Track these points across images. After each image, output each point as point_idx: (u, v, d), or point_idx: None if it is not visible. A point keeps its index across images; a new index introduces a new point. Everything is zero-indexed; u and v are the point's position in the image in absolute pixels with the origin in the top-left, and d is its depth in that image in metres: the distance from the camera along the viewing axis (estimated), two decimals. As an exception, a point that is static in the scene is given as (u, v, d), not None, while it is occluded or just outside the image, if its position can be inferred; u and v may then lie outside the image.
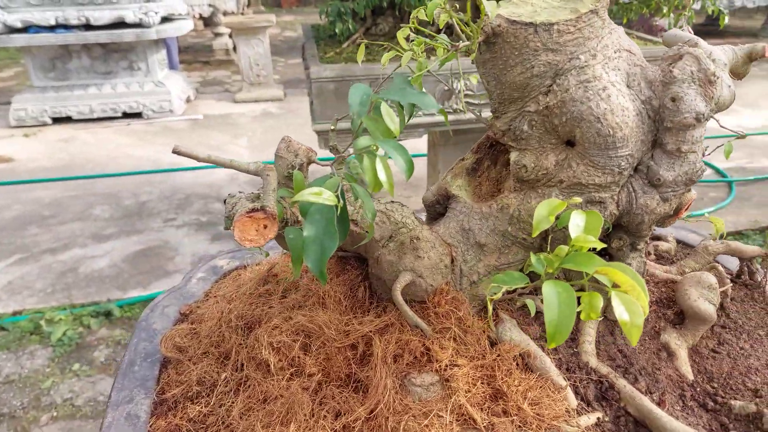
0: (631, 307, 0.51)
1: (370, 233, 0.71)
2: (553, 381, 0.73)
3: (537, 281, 0.66)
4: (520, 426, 0.68)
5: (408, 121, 0.79)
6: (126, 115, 4.68)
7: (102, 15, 4.38)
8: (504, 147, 0.81)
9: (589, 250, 0.62)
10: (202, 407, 0.79)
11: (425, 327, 0.76)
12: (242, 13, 6.42)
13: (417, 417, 0.69)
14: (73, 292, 2.44)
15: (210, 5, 6.44)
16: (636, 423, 0.73)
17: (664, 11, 3.27)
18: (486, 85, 0.76)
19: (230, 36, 6.38)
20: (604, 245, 0.62)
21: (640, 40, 3.17)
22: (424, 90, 0.77)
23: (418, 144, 3.69)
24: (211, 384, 0.83)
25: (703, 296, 0.83)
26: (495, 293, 0.68)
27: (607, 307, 0.77)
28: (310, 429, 0.70)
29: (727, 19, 3.40)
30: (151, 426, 0.79)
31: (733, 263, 1.03)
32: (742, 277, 0.95)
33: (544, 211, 0.63)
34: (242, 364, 0.82)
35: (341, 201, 0.58)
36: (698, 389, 0.78)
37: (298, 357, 0.79)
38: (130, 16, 4.42)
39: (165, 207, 3.27)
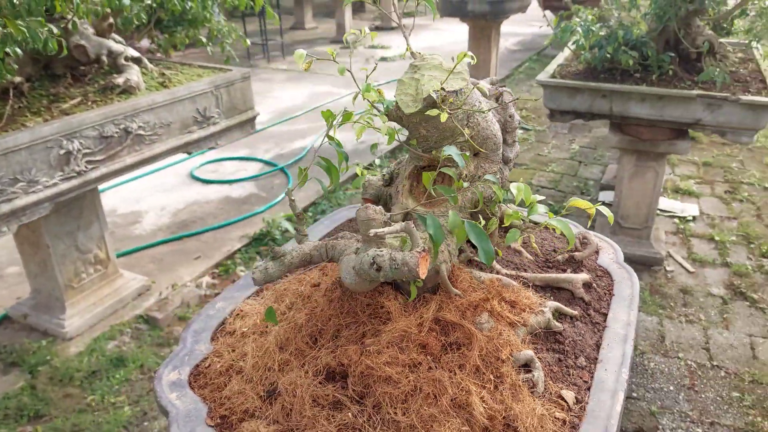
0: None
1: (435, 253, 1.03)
2: (515, 285, 1.25)
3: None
4: (532, 312, 1.18)
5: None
6: None
7: None
8: (423, 169, 1.22)
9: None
10: None
11: (459, 292, 1.14)
12: None
13: (497, 338, 1.10)
14: None
15: None
16: (543, 288, 1.33)
17: (204, 41, 3.78)
18: (426, 133, 1.15)
19: None
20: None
21: (196, 67, 3.60)
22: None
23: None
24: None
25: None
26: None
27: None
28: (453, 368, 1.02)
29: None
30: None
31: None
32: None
33: (518, 192, 1.12)
34: (375, 404, 1.00)
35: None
36: (539, 261, 1.44)
37: (405, 358, 1.04)
38: None
39: None
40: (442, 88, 1.08)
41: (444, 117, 1.03)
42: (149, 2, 3.02)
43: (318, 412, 0.99)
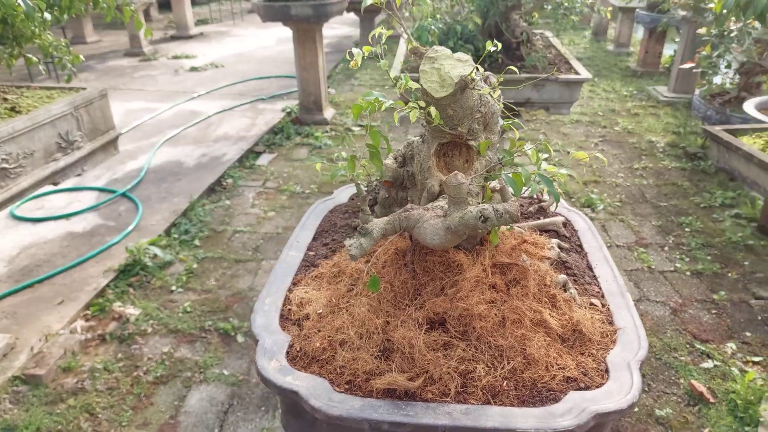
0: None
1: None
2: (524, 232, 1.52)
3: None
4: (547, 249, 1.46)
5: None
6: None
7: None
8: (445, 145, 1.42)
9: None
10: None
11: (497, 241, 1.37)
12: None
13: (538, 270, 1.36)
14: None
15: None
16: (535, 231, 1.62)
17: (35, 59, 3.45)
18: (452, 113, 1.35)
19: None
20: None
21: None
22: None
23: None
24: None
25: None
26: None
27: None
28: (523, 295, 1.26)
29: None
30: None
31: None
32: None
33: (532, 154, 1.38)
34: (478, 337, 1.18)
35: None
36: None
37: (485, 297, 1.24)
38: None
39: None
40: (473, 72, 1.31)
41: (497, 93, 1.26)
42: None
43: (435, 354, 1.15)
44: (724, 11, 2.21)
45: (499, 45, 1.51)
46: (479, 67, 1.37)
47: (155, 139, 6.42)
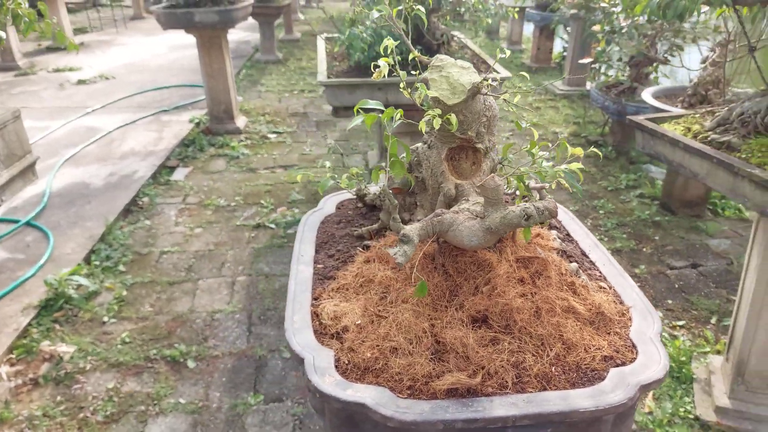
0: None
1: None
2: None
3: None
4: (550, 240, 1.56)
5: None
6: None
7: None
8: (455, 150, 1.47)
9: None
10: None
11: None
12: None
13: (553, 261, 1.45)
14: None
15: None
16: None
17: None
18: (463, 118, 1.40)
19: None
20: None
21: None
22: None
23: None
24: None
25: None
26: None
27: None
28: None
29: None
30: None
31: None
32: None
33: (533, 154, 1.46)
34: (520, 329, 1.24)
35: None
36: (507, 209, 1.82)
37: (518, 291, 1.31)
38: None
39: None
40: (485, 78, 1.37)
41: (517, 98, 1.33)
42: None
43: (486, 350, 1.20)
44: (646, 11, 2.44)
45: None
46: (496, 69, 1.44)
47: (52, 160, 5.92)
